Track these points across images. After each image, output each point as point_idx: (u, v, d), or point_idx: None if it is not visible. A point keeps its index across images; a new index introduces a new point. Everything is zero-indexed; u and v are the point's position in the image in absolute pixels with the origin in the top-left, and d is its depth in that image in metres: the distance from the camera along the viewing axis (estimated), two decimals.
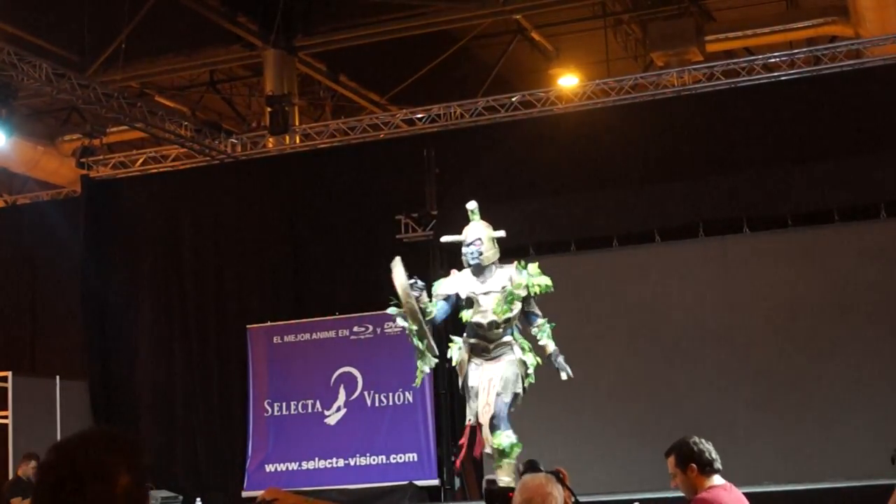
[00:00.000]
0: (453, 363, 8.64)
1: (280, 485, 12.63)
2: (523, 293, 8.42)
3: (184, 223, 13.78)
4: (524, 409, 12.16)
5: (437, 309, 8.40)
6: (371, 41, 14.38)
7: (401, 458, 12.17)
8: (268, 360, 12.75)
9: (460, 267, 8.68)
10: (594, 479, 11.18)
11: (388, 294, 8.36)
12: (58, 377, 13.22)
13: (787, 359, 11.37)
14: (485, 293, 8.46)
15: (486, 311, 8.42)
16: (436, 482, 12.04)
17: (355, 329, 12.46)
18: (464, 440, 8.61)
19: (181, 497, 11.64)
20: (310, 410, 12.51)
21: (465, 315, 8.54)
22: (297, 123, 14.62)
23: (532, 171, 12.38)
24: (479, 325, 8.45)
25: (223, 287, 13.46)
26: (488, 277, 8.50)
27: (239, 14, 14.04)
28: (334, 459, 12.37)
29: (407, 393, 12.22)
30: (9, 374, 12.76)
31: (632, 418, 11.47)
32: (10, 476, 12.15)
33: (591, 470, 11.41)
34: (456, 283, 8.56)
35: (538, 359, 8.60)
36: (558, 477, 4.08)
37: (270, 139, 13.95)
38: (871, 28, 12.88)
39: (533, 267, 8.50)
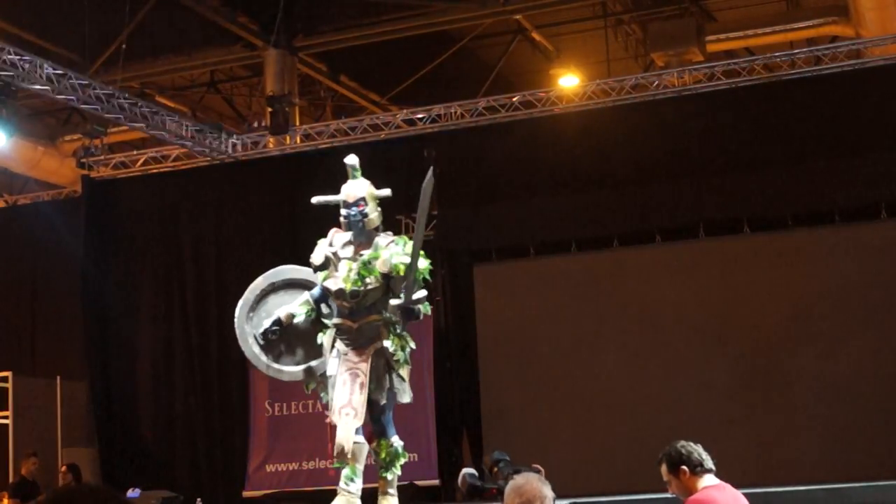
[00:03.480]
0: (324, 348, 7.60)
1: (280, 485, 12.68)
2: (385, 269, 7.26)
3: (184, 223, 13.78)
4: (521, 408, 12.17)
5: (315, 291, 7.55)
6: (372, 41, 14.38)
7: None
8: None
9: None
10: (591, 479, 11.19)
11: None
12: (58, 377, 13.24)
13: (787, 359, 11.37)
14: (348, 257, 7.38)
15: (339, 278, 7.34)
16: (436, 482, 12.03)
17: None
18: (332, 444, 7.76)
19: (181, 497, 11.62)
20: (310, 410, 12.49)
21: (320, 276, 7.52)
22: (297, 123, 14.63)
23: (532, 171, 12.38)
24: (328, 290, 7.40)
25: (224, 287, 13.43)
26: (364, 242, 7.42)
27: (239, 14, 14.05)
28: (335, 459, 12.33)
29: None
30: (9, 374, 12.77)
31: (631, 418, 11.47)
32: (11, 475, 12.17)
33: (588, 470, 11.42)
34: (328, 247, 7.53)
35: (406, 342, 7.44)
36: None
37: (271, 139, 13.95)
38: (872, 28, 12.88)
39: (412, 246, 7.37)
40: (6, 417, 12.62)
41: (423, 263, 7.39)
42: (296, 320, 7.60)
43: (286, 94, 13.90)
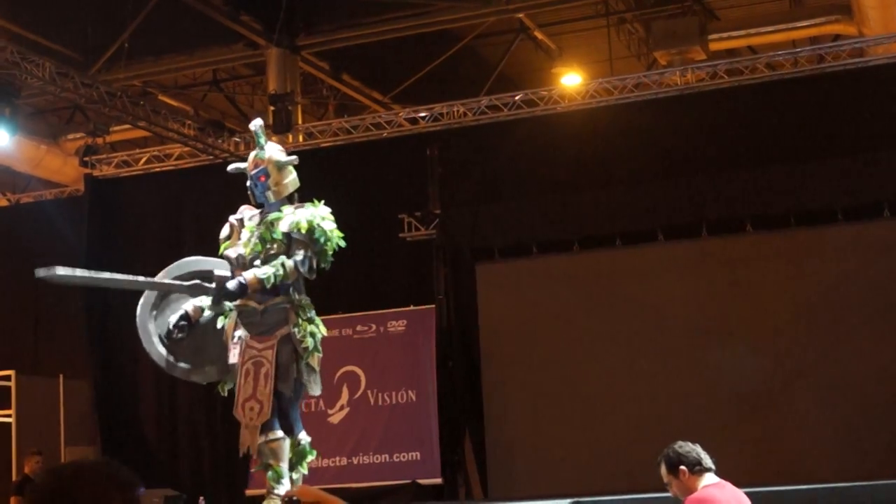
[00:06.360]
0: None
1: None
2: (286, 227, 6.69)
3: (187, 222, 13.79)
4: (523, 407, 12.15)
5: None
6: (374, 40, 14.38)
7: (404, 456, 12.16)
8: None
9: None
10: (590, 479, 11.19)
11: (388, 295, 7.95)
12: (61, 376, 13.26)
13: (787, 358, 11.37)
14: (253, 225, 6.84)
15: (239, 244, 6.83)
16: (439, 481, 12.03)
17: (358, 328, 12.46)
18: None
19: (184, 495, 11.63)
20: (312, 409, 12.49)
21: (222, 247, 7.00)
22: (299, 122, 14.63)
23: (535, 170, 12.39)
24: (228, 259, 6.85)
25: None
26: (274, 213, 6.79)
27: (242, 13, 14.03)
28: (337, 458, 12.36)
29: (410, 391, 12.22)
30: (12, 372, 12.79)
31: (633, 417, 11.47)
32: (14, 474, 12.19)
33: (589, 468, 11.42)
34: (234, 219, 7.04)
35: (316, 328, 6.86)
36: None
37: (273, 138, 13.94)
38: (875, 27, 12.86)
39: (325, 210, 6.94)
40: (9, 416, 12.63)
41: (330, 226, 6.88)
42: (206, 314, 7.01)
43: (288, 93, 13.90)
